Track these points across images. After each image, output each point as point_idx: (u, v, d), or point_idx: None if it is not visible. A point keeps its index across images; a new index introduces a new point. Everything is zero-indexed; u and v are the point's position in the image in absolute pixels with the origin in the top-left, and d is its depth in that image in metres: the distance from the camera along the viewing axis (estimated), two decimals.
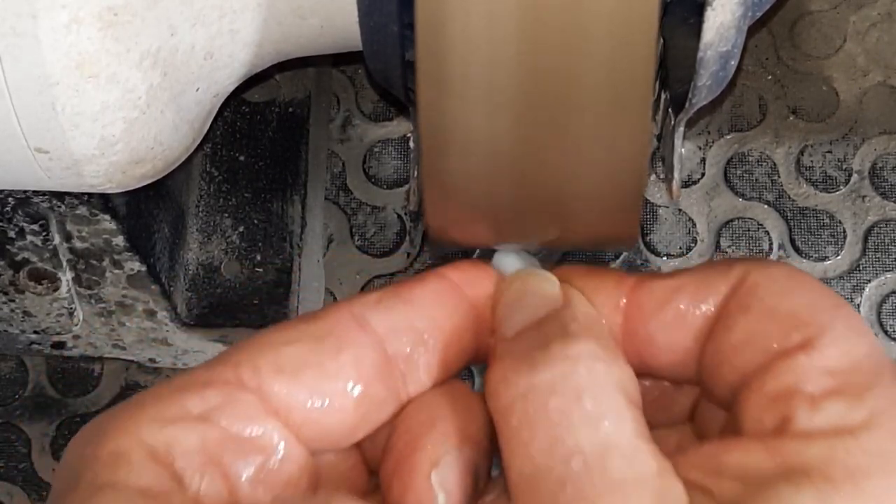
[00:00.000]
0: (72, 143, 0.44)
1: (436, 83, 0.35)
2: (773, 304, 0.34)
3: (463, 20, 0.34)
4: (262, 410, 0.34)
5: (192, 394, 0.33)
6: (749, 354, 0.34)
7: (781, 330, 0.34)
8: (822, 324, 0.34)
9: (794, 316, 0.34)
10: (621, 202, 0.38)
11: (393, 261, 0.71)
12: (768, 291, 0.35)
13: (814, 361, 0.33)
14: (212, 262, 0.64)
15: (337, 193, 0.72)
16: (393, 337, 0.36)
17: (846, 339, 0.33)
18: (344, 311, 0.36)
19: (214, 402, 0.33)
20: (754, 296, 0.35)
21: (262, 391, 0.34)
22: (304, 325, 0.35)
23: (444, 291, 0.37)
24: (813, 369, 0.33)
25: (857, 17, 0.74)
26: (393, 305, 0.36)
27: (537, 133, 0.36)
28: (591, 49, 0.34)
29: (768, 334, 0.34)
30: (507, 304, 0.37)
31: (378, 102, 0.73)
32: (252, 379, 0.34)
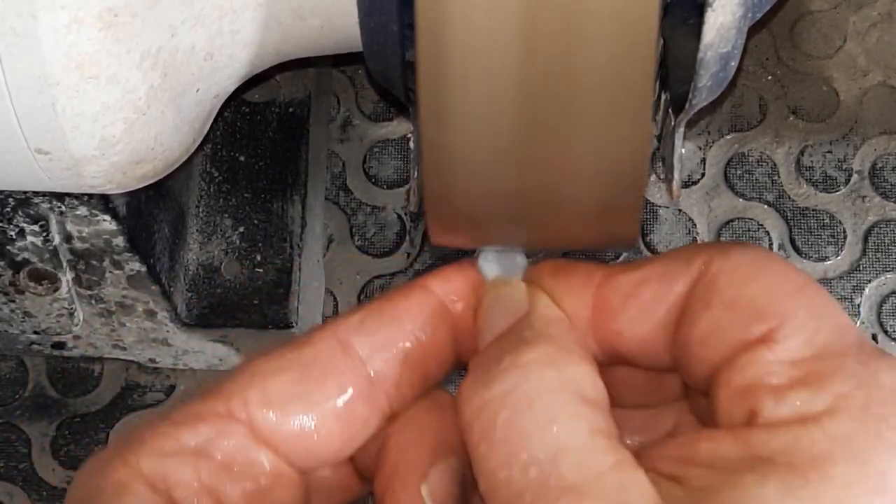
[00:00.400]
0: (72, 144, 0.44)
1: (436, 83, 0.35)
2: (733, 295, 0.34)
3: (463, 20, 0.34)
4: (252, 440, 0.36)
5: (187, 428, 0.36)
6: (714, 348, 0.34)
7: (742, 322, 0.34)
8: (782, 313, 0.34)
9: (755, 306, 0.34)
10: (622, 203, 0.38)
11: (393, 261, 0.71)
12: (729, 281, 0.35)
13: (776, 354, 0.33)
14: (212, 262, 0.64)
15: (337, 193, 0.72)
16: (376, 358, 0.37)
17: (807, 325, 0.33)
18: (329, 335, 0.38)
19: (207, 435, 0.36)
20: (715, 287, 0.35)
21: (251, 423, 0.36)
22: (292, 352, 0.37)
23: (427, 305, 0.38)
24: (775, 362, 0.33)
25: (857, 17, 0.74)
26: (375, 326, 0.38)
27: (538, 133, 0.36)
28: (591, 49, 0.34)
29: (730, 328, 0.34)
30: (481, 317, 0.38)
31: (378, 102, 0.73)
32: (241, 411, 0.36)
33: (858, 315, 0.69)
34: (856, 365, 0.33)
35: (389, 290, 0.40)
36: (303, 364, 0.37)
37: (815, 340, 0.33)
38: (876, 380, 0.32)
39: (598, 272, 0.38)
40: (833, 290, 0.69)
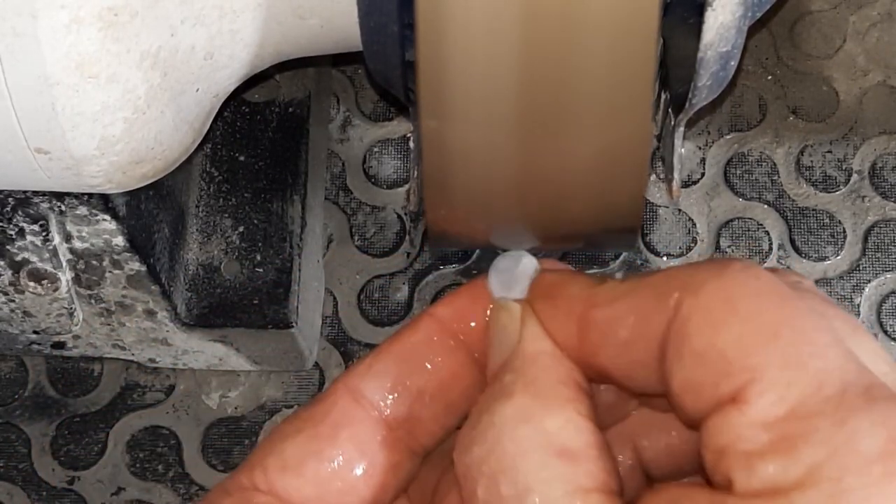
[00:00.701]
0: (72, 144, 0.44)
1: (436, 83, 0.35)
2: (702, 345, 0.31)
3: (463, 20, 0.34)
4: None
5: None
6: (690, 405, 0.32)
7: (712, 380, 0.31)
8: (752, 367, 0.30)
9: (725, 359, 0.31)
10: (622, 202, 0.38)
11: (393, 261, 0.71)
12: (698, 327, 0.32)
13: (746, 416, 0.30)
14: (212, 262, 0.64)
15: (337, 193, 0.72)
16: (389, 400, 0.37)
17: (779, 381, 0.30)
18: (339, 386, 0.37)
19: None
20: (685, 334, 0.32)
21: (273, 491, 0.36)
22: (306, 411, 0.37)
23: (435, 336, 0.38)
24: (745, 425, 0.30)
25: (857, 17, 0.74)
26: (384, 369, 0.37)
27: (538, 133, 0.36)
28: (591, 48, 0.34)
29: (702, 385, 0.31)
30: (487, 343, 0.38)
31: (378, 102, 0.73)
32: (262, 481, 0.36)
33: (858, 315, 0.69)
34: (831, 427, 0.29)
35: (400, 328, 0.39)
36: (315, 421, 0.37)
37: (789, 396, 0.30)
38: (852, 444, 0.29)
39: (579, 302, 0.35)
40: (833, 289, 0.70)
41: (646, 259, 0.70)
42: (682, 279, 0.33)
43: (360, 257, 0.71)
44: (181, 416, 0.69)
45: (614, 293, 0.35)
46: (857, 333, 0.33)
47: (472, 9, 0.33)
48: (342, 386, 0.37)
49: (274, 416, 0.69)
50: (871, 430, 0.29)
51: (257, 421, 0.69)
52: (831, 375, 0.30)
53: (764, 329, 0.31)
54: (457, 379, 0.38)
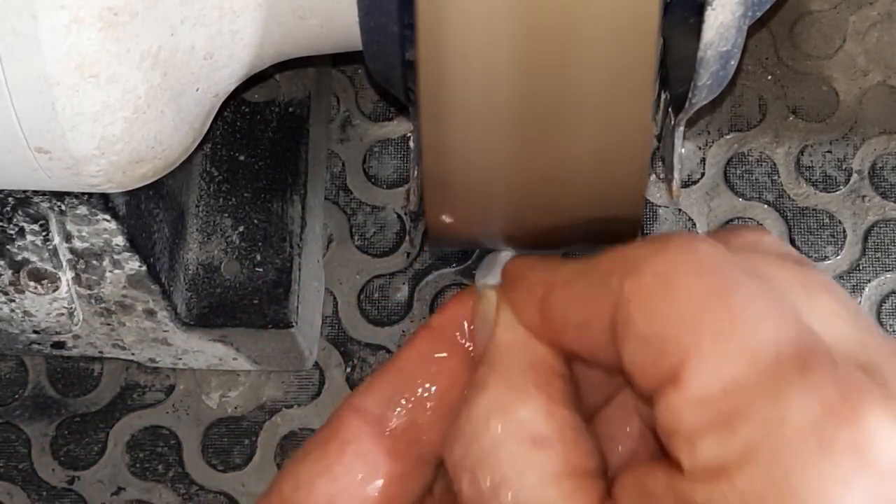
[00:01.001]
0: (72, 143, 0.44)
1: (436, 83, 0.35)
2: (642, 327, 0.31)
3: (463, 20, 0.34)
4: None
5: None
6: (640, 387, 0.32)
7: (652, 362, 0.31)
8: (686, 345, 0.30)
9: (661, 340, 0.31)
10: (622, 202, 0.38)
11: (393, 260, 0.71)
12: (638, 309, 0.31)
13: (683, 395, 0.30)
14: (212, 261, 0.64)
15: (337, 193, 0.72)
16: (390, 413, 0.38)
17: (715, 356, 0.30)
18: (345, 406, 0.38)
19: None
20: (627, 317, 0.32)
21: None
22: (318, 434, 0.38)
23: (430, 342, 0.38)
24: (684, 404, 0.30)
25: (857, 16, 0.74)
26: (383, 382, 0.38)
27: (538, 132, 0.36)
28: (591, 48, 0.34)
29: (644, 368, 0.31)
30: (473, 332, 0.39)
31: (378, 102, 0.73)
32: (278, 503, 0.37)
33: None
34: (765, 401, 0.29)
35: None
36: (323, 441, 0.37)
37: (723, 372, 0.30)
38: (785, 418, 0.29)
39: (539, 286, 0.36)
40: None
41: None
42: (624, 259, 0.32)
43: (360, 257, 0.71)
44: (181, 415, 0.69)
45: (567, 274, 0.35)
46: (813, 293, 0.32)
47: (472, 9, 0.33)
48: (347, 405, 0.38)
49: (274, 416, 0.69)
50: (803, 401, 0.29)
51: (257, 421, 0.69)
52: (765, 347, 0.30)
53: (695, 305, 0.31)
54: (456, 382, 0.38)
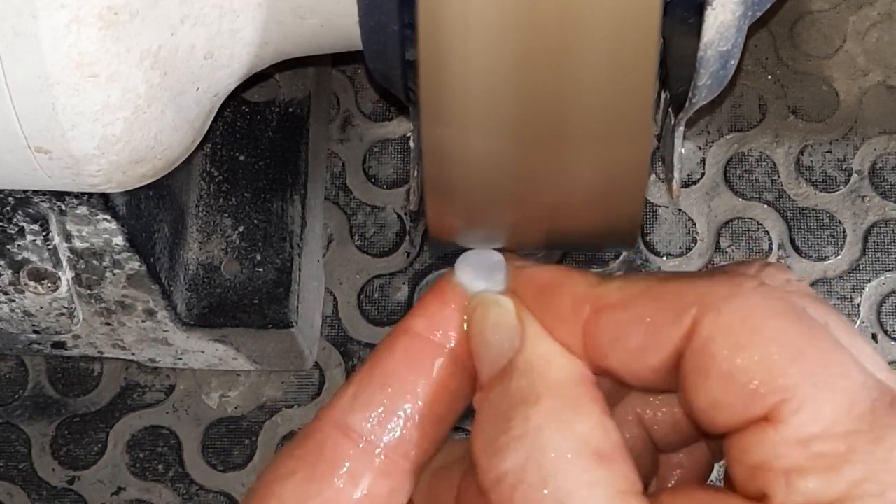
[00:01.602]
0: (72, 143, 0.44)
1: (437, 83, 0.35)
2: (729, 366, 0.32)
3: (464, 19, 0.34)
4: None
5: None
6: (719, 422, 0.33)
7: (742, 400, 0.32)
8: (783, 387, 0.32)
9: (753, 380, 0.32)
10: (622, 202, 0.38)
11: (393, 260, 0.71)
12: (722, 348, 0.32)
13: (781, 434, 0.31)
14: (212, 261, 0.64)
15: (337, 193, 0.72)
16: (378, 431, 0.37)
17: (813, 399, 0.31)
18: (327, 423, 0.37)
19: None
20: (709, 354, 0.33)
21: None
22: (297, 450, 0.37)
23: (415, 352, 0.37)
24: (782, 443, 0.31)
25: (857, 17, 0.74)
26: (368, 397, 0.37)
27: (537, 132, 0.36)
28: (591, 47, 0.34)
29: (731, 405, 0.32)
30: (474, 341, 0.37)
31: (378, 102, 0.73)
32: None
33: (858, 315, 0.69)
34: (868, 444, 0.31)
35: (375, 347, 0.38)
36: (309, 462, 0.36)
37: (823, 414, 0.31)
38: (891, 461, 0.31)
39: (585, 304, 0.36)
40: (833, 289, 0.70)
41: (646, 259, 0.70)
42: (698, 293, 0.33)
43: (360, 257, 0.71)
44: (181, 415, 0.69)
45: (622, 296, 0.35)
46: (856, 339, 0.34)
47: (473, 8, 0.33)
48: (329, 422, 0.37)
49: (274, 416, 0.69)
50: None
51: (257, 421, 0.69)
52: (859, 393, 0.32)
53: (788, 350, 0.32)
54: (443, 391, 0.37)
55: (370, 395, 0.37)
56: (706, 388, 0.33)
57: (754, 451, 0.32)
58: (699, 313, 0.33)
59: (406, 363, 0.37)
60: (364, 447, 0.36)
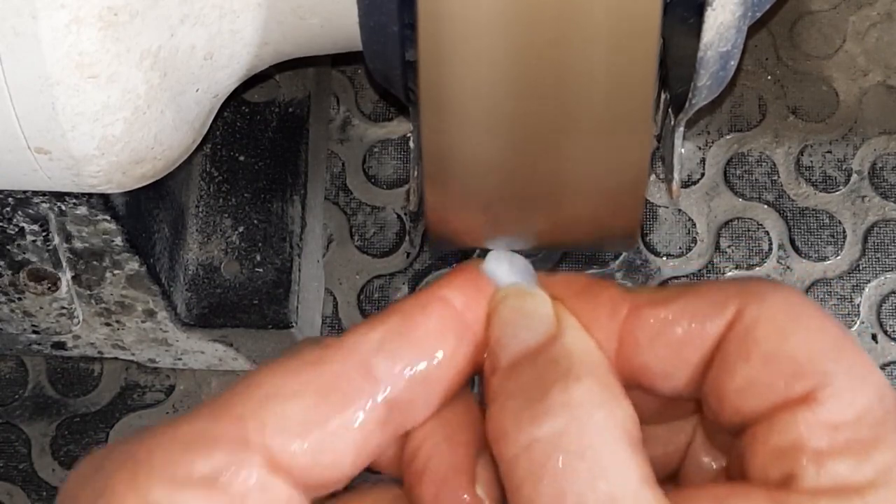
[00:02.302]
0: (72, 144, 0.44)
1: (436, 83, 0.35)
2: (772, 349, 0.34)
3: (464, 20, 0.34)
4: (268, 469, 0.34)
5: (200, 454, 0.34)
6: (752, 402, 0.34)
7: (782, 379, 0.34)
8: (823, 372, 0.33)
9: (795, 363, 0.34)
10: (622, 203, 0.38)
11: (393, 261, 0.71)
12: (766, 333, 0.34)
13: (817, 416, 0.33)
14: (211, 262, 0.64)
15: (337, 193, 0.72)
16: (397, 384, 0.36)
17: (849, 388, 0.33)
18: (347, 356, 0.36)
19: (222, 463, 0.34)
20: (752, 339, 0.34)
21: (268, 449, 0.34)
22: (308, 372, 0.36)
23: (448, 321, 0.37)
24: (816, 424, 0.33)
25: (857, 17, 0.74)
26: (396, 349, 0.36)
27: (537, 132, 0.36)
28: (591, 48, 0.34)
29: (770, 384, 0.34)
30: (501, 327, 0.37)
31: (378, 102, 0.73)
32: (258, 437, 0.34)
33: (858, 315, 0.69)
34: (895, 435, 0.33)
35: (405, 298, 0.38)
36: (322, 387, 0.35)
37: (857, 403, 0.33)
38: None
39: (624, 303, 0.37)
40: (833, 289, 0.70)
41: (646, 259, 0.70)
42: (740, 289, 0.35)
43: (359, 257, 0.71)
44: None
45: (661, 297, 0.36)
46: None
47: (473, 9, 0.33)
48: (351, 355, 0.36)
49: None
50: None
51: None
52: (887, 389, 0.33)
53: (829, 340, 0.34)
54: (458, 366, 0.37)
55: (398, 347, 0.36)
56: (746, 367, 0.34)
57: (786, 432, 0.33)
58: (743, 303, 0.35)
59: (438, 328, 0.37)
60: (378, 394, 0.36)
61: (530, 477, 0.33)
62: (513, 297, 0.38)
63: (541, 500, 0.33)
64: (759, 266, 0.70)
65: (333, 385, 0.35)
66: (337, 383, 0.36)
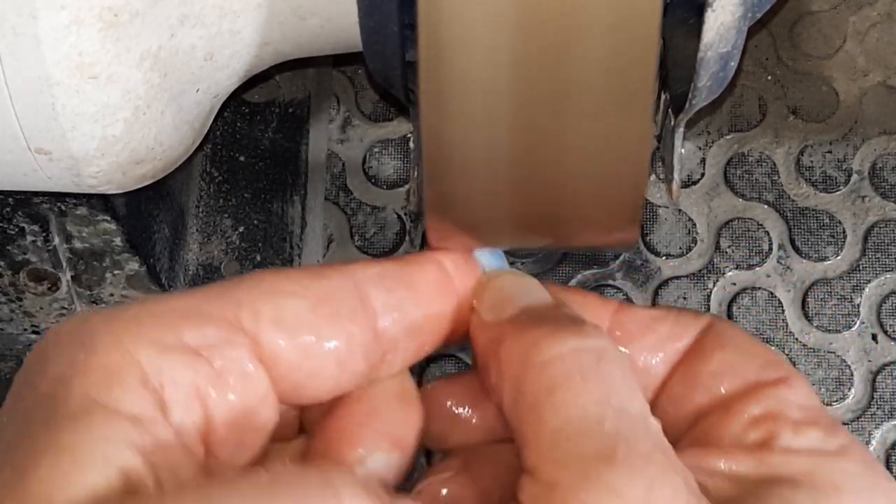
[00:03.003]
0: (72, 144, 0.44)
1: (436, 83, 0.35)
2: (745, 345, 0.39)
3: (464, 20, 0.34)
4: (253, 357, 0.34)
5: (190, 325, 0.34)
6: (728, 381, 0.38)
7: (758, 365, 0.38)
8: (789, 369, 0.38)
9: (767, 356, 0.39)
10: (622, 203, 0.38)
11: None
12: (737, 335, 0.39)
13: (792, 395, 0.37)
14: (212, 262, 0.64)
15: (337, 194, 0.72)
16: (388, 318, 0.37)
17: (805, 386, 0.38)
18: (347, 278, 0.36)
19: (211, 339, 0.34)
20: (727, 336, 0.39)
21: (257, 338, 0.34)
22: (308, 279, 0.36)
23: (440, 283, 0.38)
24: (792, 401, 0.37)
25: (857, 17, 0.74)
26: (394, 287, 0.37)
27: (538, 133, 0.36)
28: (591, 49, 0.34)
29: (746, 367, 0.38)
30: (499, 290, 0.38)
31: (378, 103, 0.73)
32: (251, 324, 0.34)
33: (858, 315, 0.69)
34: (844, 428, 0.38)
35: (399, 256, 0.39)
36: (319, 296, 0.35)
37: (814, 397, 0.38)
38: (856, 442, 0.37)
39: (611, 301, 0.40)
40: (833, 289, 0.70)
41: (646, 259, 0.70)
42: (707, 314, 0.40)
43: (360, 257, 0.71)
44: None
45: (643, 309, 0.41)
46: None
47: (473, 9, 0.33)
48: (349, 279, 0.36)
49: None
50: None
51: None
52: None
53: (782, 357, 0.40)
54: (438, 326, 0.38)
55: (395, 284, 0.37)
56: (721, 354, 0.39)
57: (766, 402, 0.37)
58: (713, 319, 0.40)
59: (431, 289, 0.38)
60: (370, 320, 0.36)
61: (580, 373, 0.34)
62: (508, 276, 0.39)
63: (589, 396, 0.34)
64: (759, 266, 0.70)
65: (330, 296, 0.36)
66: (333, 295, 0.36)
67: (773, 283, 0.70)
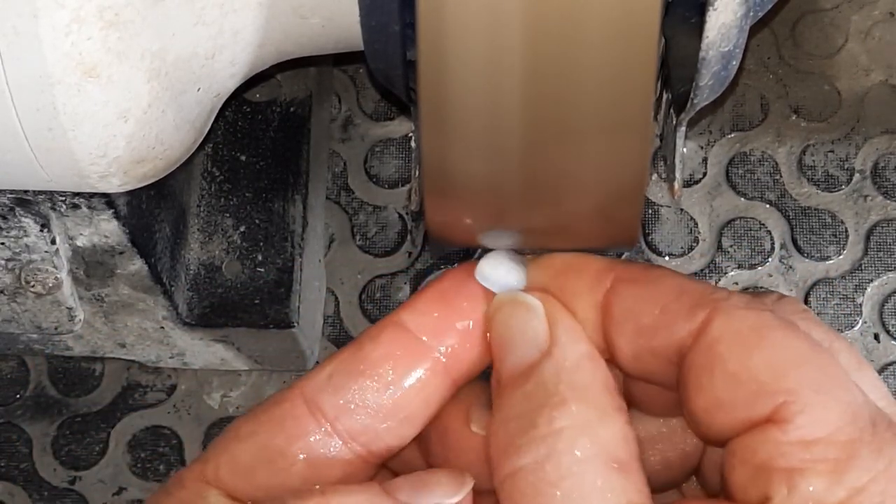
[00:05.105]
0: (73, 143, 0.44)
1: (437, 83, 0.35)
2: (735, 366, 0.34)
3: (464, 19, 0.34)
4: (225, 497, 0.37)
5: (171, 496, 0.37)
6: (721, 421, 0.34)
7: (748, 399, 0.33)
8: (787, 390, 0.33)
9: (759, 380, 0.33)
10: (622, 203, 0.38)
11: (394, 260, 0.71)
12: (730, 350, 0.34)
13: (787, 435, 0.32)
14: (213, 261, 0.64)
15: (338, 193, 0.72)
16: (344, 417, 0.37)
17: (819, 405, 0.32)
18: (297, 396, 0.37)
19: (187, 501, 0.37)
20: (716, 353, 0.34)
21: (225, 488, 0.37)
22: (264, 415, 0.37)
23: (400, 348, 0.37)
24: (786, 443, 0.32)
25: (859, 16, 0.73)
26: (343, 382, 0.37)
27: (538, 132, 0.36)
28: (592, 47, 0.34)
29: (736, 403, 0.33)
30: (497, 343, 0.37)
31: (379, 102, 0.73)
32: (214, 478, 0.37)
33: (860, 314, 0.69)
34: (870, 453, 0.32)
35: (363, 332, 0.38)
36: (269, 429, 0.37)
37: (827, 420, 0.32)
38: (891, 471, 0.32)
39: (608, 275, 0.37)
40: (835, 289, 0.69)
41: (647, 259, 0.70)
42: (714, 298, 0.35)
43: (361, 257, 0.71)
44: (182, 415, 0.69)
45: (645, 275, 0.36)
46: (862, 367, 0.35)
47: (473, 8, 0.33)
48: (299, 394, 0.37)
49: None
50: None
51: None
52: (861, 408, 0.32)
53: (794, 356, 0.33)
54: (418, 391, 0.37)
55: (345, 380, 0.37)
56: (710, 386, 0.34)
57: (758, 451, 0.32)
58: (711, 315, 0.34)
59: (388, 357, 0.37)
60: (327, 429, 0.37)
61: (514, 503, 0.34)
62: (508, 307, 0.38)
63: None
64: (761, 265, 0.70)
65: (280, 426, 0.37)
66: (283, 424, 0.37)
67: (776, 283, 0.70)
